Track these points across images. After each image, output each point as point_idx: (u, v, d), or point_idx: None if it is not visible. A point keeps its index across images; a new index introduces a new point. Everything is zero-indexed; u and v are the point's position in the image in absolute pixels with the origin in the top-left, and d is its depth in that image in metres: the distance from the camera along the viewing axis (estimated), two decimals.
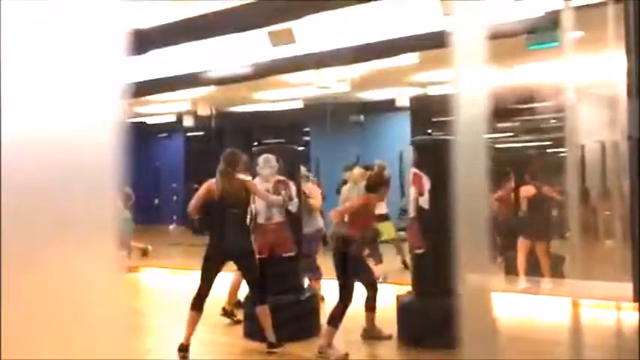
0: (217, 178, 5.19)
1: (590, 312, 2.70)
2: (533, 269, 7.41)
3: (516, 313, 6.61)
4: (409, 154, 5.84)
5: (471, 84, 1.22)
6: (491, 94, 1.25)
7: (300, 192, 6.24)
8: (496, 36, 1.25)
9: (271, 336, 5.18)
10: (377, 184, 5.40)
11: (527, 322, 6.51)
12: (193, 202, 5.28)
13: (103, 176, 1.07)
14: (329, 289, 6.30)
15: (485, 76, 1.21)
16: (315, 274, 6.94)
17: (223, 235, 5.17)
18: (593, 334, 3.13)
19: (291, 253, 5.89)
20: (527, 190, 7.61)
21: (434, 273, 5.42)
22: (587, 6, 3.70)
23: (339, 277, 5.19)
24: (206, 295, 5.16)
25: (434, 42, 7.46)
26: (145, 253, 10.61)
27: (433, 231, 5.41)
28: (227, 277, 5.98)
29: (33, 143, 0.99)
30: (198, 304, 5.12)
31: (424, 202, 5.46)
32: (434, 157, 5.57)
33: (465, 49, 1.20)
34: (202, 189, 5.25)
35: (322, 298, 6.58)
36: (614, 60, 1.86)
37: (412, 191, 5.63)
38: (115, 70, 1.08)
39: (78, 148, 1.03)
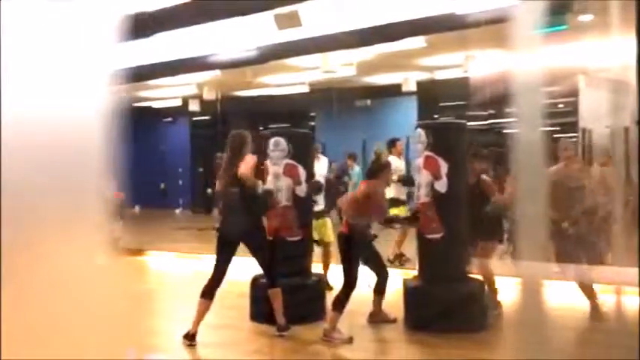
0: (224, 159, 5.19)
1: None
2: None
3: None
4: (417, 138, 5.74)
5: (528, 65, 1.20)
6: (499, 78, 1.23)
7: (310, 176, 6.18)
8: (502, 20, 1.24)
9: (281, 319, 5.21)
10: (376, 170, 5.38)
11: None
12: (248, 167, 4.98)
13: (90, 163, 1.06)
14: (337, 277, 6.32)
15: (542, 57, 1.20)
16: None
17: (230, 215, 5.19)
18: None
19: (296, 238, 5.91)
20: None
21: (442, 258, 5.43)
22: None
23: (343, 262, 5.20)
24: (218, 283, 5.08)
25: (442, 25, 7.40)
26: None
27: (448, 215, 5.40)
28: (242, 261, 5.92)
29: (18, 133, 0.99)
30: (208, 290, 5.06)
31: (441, 185, 5.40)
32: (450, 140, 5.53)
33: (525, 30, 1.19)
34: (251, 159, 5.01)
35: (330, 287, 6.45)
36: (625, 44, 1.84)
37: (424, 175, 5.56)
38: (102, 57, 1.07)
39: (63, 134, 1.03)
